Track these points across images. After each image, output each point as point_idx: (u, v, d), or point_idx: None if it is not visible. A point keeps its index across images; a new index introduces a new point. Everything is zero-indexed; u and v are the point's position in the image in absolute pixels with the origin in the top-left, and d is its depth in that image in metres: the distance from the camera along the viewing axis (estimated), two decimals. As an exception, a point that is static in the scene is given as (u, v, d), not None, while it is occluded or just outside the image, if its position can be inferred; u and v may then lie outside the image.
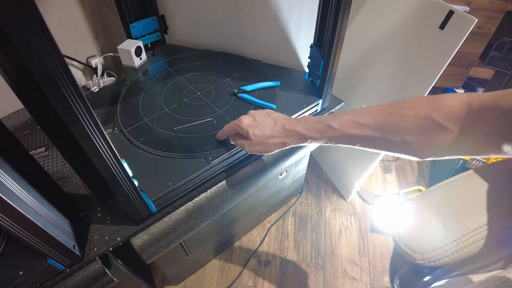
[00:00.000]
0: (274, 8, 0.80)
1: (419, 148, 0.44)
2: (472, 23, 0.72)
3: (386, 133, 0.45)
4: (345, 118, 0.49)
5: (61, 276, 0.54)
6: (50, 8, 0.81)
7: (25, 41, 0.30)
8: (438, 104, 0.41)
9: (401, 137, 0.44)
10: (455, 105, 0.40)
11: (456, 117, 0.40)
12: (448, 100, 0.41)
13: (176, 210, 0.64)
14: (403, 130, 0.43)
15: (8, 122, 0.80)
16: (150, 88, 0.84)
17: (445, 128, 0.40)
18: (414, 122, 0.42)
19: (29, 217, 0.42)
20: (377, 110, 0.46)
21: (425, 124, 0.42)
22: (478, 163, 1.10)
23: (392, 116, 0.44)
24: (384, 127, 0.45)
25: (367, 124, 0.46)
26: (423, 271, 0.56)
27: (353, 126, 0.47)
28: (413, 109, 0.43)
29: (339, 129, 0.49)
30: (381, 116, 0.45)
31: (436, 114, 0.41)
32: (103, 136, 0.42)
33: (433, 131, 0.41)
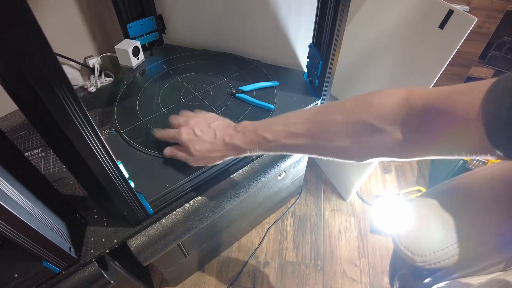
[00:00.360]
0: (272, 8, 0.80)
1: (355, 152, 0.42)
2: (472, 22, 0.72)
3: (319, 140, 0.44)
4: (278, 128, 0.48)
5: (57, 278, 0.53)
6: (47, 8, 0.80)
7: (17, 41, 0.29)
8: (371, 105, 0.39)
9: (334, 144, 0.43)
10: (391, 105, 0.37)
11: (393, 118, 0.37)
12: (383, 100, 0.38)
13: (173, 212, 0.63)
14: (334, 137, 0.42)
15: (5, 123, 0.80)
16: (147, 88, 0.83)
17: (382, 130, 0.38)
18: (345, 128, 0.41)
19: (23, 219, 0.41)
20: (307, 117, 0.46)
21: (357, 129, 0.40)
22: (478, 163, 1.10)
23: (322, 124, 0.43)
24: (315, 135, 0.44)
25: (299, 133, 0.45)
26: (423, 273, 0.55)
27: (286, 136, 0.47)
28: (343, 113, 0.42)
29: (274, 140, 0.48)
30: (312, 124, 0.44)
31: (369, 116, 0.38)
32: (98, 137, 0.41)
33: (367, 135, 0.39)
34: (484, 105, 0.28)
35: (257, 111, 0.75)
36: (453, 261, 0.49)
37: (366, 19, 0.98)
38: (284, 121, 0.48)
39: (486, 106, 0.28)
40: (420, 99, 0.35)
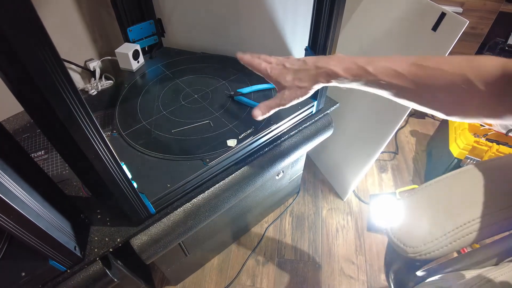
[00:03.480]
0: (269, 11, 0.81)
1: (447, 106, 0.43)
2: (463, 24, 0.74)
3: (419, 86, 0.44)
4: (381, 64, 0.47)
5: (63, 277, 0.55)
6: (48, 12, 0.82)
7: (25, 46, 0.31)
8: (473, 63, 0.40)
9: (433, 93, 0.43)
10: (489, 67, 0.39)
11: (489, 80, 0.39)
12: (484, 61, 0.40)
13: (174, 211, 0.65)
14: (436, 85, 0.42)
15: (8, 125, 0.81)
16: (147, 91, 0.85)
17: (477, 89, 0.39)
18: (448, 78, 0.41)
19: (31, 219, 0.43)
20: (414, 61, 0.45)
21: (458, 82, 0.41)
22: (472, 162, 1.12)
23: (428, 69, 0.43)
24: (418, 79, 0.44)
25: (403, 74, 0.44)
26: (415, 265, 0.57)
27: (389, 74, 0.46)
28: (449, 64, 0.42)
29: (375, 74, 0.47)
30: (418, 68, 0.44)
31: (471, 73, 0.40)
32: (103, 139, 0.43)
33: (464, 90, 0.40)
34: None
35: (255, 112, 0.77)
36: (443, 252, 0.51)
37: (360, 23, 1.00)
38: (388, 58, 0.47)
39: None
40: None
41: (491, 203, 0.54)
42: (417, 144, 1.51)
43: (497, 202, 0.54)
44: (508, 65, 0.38)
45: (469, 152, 1.11)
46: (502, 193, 0.56)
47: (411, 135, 1.56)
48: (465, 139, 1.11)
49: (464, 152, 1.11)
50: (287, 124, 0.77)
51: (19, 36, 0.30)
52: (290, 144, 0.79)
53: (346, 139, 1.15)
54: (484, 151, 1.08)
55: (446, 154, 1.18)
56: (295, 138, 0.80)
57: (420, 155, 1.46)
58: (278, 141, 0.77)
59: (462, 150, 1.11)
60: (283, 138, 0.77)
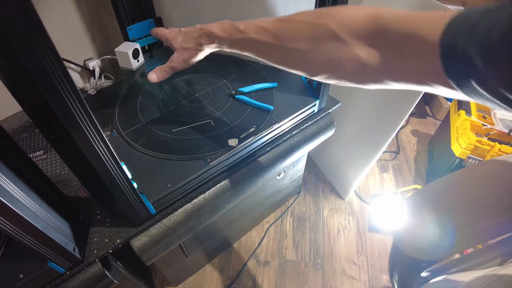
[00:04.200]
0: (270, 10, 0.81)
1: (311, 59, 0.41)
2: (466, 23, 0.73)
3: (282, 40, 0.43)
4: (251, 22, 0.47)
5: (61, 278, 0.54)
6: (47, 10, 0.81)
7: (24, 45, 0.30)
8: (337, 13, 0.38)
9: (295, 45, 0.41)
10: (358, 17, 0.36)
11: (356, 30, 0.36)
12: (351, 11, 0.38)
13: (175, 212, 0.64)
14: (297, 36, 0.41)
15: (6, 125, 0.80)
16: (147, 90, 0.84)
17: (343, 41, 0.36)
18: (309, 29, 0.40)
19: (29, 220, 0.42)
20: (281, 18, 0.44)
21: (320, 33, 0.39)
22: (474, 161, 1.11)
23: (290, 23, 0.42)
24: (282, 33, 0.43)
25: (267, 29, 0.44)
26: (420, 266, 0.57)
27: (255, 31, 0.46)
28: (311, 16, 0.40)
29: (244, 31, 0.47)
30: (281, 22, 0.44)
31: (334, 24, 0.37)
32: (103, 139, 0.42)
33: (327, 42, 0.38)
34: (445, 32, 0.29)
35: (257, 112, 0.76)
36: (448, 252, 0.50)
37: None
38: (260, 20, 0.47)
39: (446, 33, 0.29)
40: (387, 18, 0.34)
41: (494, 203, 0.54)
42: (419, 143, 1.51)
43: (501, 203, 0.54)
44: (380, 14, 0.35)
45: (471, 151, 1.10)
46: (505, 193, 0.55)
47: (412, 134, 1.55)
48: (467, 139, 1.11)
49: (466, 152, 1.10)
50: (289, 123, 0.76)
51: (17, 34, 0.30)
52: (291, 144, 0.78)
53: (347, 138, 1.14)
54: (486, 151, 1.08)
55: (448, 153, 1.17)
56: (296, 138, 0.79)
57: (421, 155, 1.45)
58: (280, 141, 0.76)
59: (464, 150, 1.10)
60: (284, 137, 0.77)
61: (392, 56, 0.34)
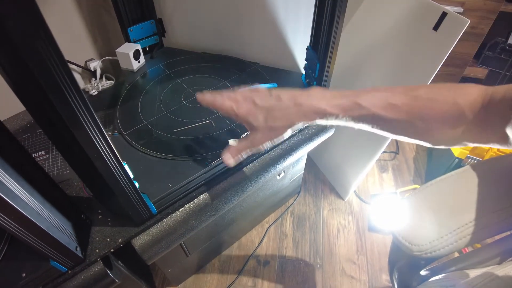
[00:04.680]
0: (271, 11, 0.81)
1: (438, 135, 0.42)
2: (465, 24, 0.74)
3: (414, 118, 0.41)
4: (374, 95, 0.43)
5: (64, 277, 0.55)
6: (48, 11, 0.82)
7: (28, 45, 0.31)
8: (462, 91, 0.40)
9: (427, 123, 0.41)
10: (474, 94, 0.39)
11: (474, 107, 0.39)
12: (469, 89, 0.40)
13: (176, 211, 0.64)
14: (430, 115, 0.41)
15: (8, 125, 0.81)
16: (148, 91, 0.85)
17: (466, 117, 0.39)
18: (442, 108, 0.40)
19: (33, 220, 0.42)
20: (403, 91, 0.42)
21: (451, 111, 0.40)
22: (473, 161, 1.12)
23: (421, 100, 0.41)
24: (413, 110, 0.41)
25: (397, 105, 0.41)
26: (420, 263, 0.57)
27: (384, 107, 0.42)
28: (441, 95, 0.41)
29: (368, 108, 0.42)
30: (412, 98, 0.41)
31: (461, 100, 0.39)
32: (106, 139, 0.43)
33: (456, 118, 0.40)
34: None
35: (257, 112, 0.77)
36: (448, 250, 0.51)
37: (362, 22, 0.99)
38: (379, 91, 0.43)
39: None
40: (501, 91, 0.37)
41: (493, 202, 0.54)
42: (418, 144, 1.51)
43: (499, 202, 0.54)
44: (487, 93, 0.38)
45: (470, 151, 1.10)
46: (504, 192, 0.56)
47: (411, 135, 1.55)
48: (466, 139, 1.11)
49: (465, 152, 1.11)
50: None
51: (22, 34, 0.30)
52: (291, 144, 0.79)
53: (347, 139, 1.15)
54: (485, 151, 1.08)
55: (447, 153, 1.18)
56: (296, 138, 0.79)
57: (420, 155, 1.46)
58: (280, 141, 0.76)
59: (463, 150, 1.11)
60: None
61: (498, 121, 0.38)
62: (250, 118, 0.48)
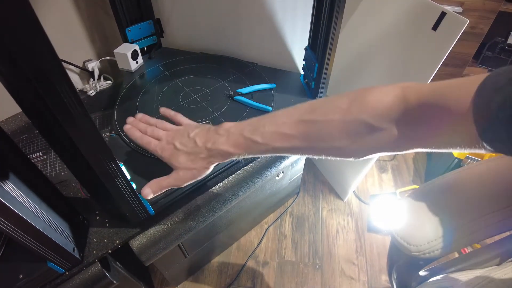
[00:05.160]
0: (269, 11, 0.81)
1: (352, 151, 0.41)
2: (464, 24, 0.73)
3: (314, 142, 0.42)
4: (268, 129, 0.45)
5: (61, 279, 0.54)
6: (46, 12, 0.81)
7: (23, 46, 0.30)
8: (367, 103, 0.38)
9: (331, 144, 0.41)
10: (387, 102, 0.36)
11: (390, 115, 0.36)
12: (378, 97, 0.38)
13: (174, 212, 0.64)
14: (331, 137, 0.40)
15: (6, 126, 0.81)
16: (146, 91, 0.85)
17: (379, 128, 0.37)
18: (342, 128, 0.39)
19: (29, 221, 0.42)
20: (299, 116, 0.43)
21: (355, 128, 0.38)
22: (472, 162, 1.12)
23: (317, 124, 0.41)
24: (310, 136, 0.42)
25: (292, 135, 0.43)
26: (418, 264, 0.57)
27: (278, 139, 0.44)
28: (338, 112, 0.40)
29: (264, 143, 0.45)
30: (306, 124, 0.42)
31: (366, 115, 0.37)
32: (102, 141, 0.42)
33: (364, 133, 0.38)
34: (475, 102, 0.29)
35: (255, 113, 0.77)
36: (446, 250, 0.50)
37: (361, 22, 0.99)
38: (273, 121, 0.45)
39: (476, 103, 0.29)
40: (414, 96, 0.35)
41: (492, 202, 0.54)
42: (417, 144, 1.51)
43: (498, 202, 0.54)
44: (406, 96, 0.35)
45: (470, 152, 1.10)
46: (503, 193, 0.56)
47: (411, 135, 1.55)
48: (466, 139, 1.11)
49: (465, 152, 1.11)
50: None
51: (16, 36, 0.30)
52: (290, 145, 0.78)
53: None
54: (484, 151, 1.08)
55: (446, 154, 1.18)
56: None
57: (420, 155, 1.45)
58: (278, 142, 0.76)
59: (462, 150, 1.11)
60: (283, 138, 0.77)
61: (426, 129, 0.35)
62: (172, 160, 0.54)
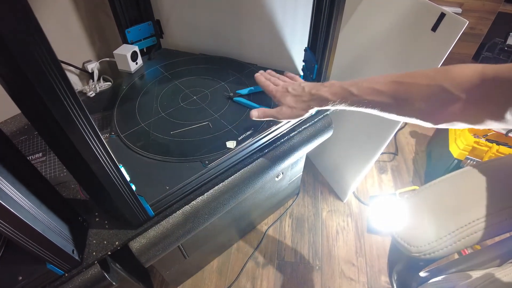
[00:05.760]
0: (269, 12, 0.81)
1: (431, 115, 0.45)
2: (463, 25, 0.73)
3: (400, 101, 0.47)
4: (364, 85, 0.51)
5: (60, 280, 0.54)
6: (46, 13, 0.81)
7: (22, 47, 0.30)
8: (450, 74, 0.42)
9: (413, 105, 0.46)
10: (467, 75, 0.41)
11: (468, 86, 0.40)
12: (461, 69, 0.42)
13: (173, 214, 0.64)
14: (415, 98, 0.45)
15: (5, 127, 0.81)
16: (146, 92, 0.85)
17: (457, 97, 0.41)
18: (425, 91, 0.44)
19: (28, 223, 0.42)
20: (392, 78, 0.48)
21: (437, 93, 0.43)
22: (472, 162, 1.12)
23: (406, 85, 0.46)
24: (397, 94, 0.47)
25: (382, 91, 0.48)
26: (419, 265, 0.57)
27: (370, 93, 0.50)
28: (425, 78, 0.45)
29: (358, 95, 0.51)
30: (396, 84, 0.47)
31: (447, 83, 0.42)
32: (101, 142, 0.42)
33: (444, 100, 0.42)
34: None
35: (255, 114, 0.77)
36: (447, 251, 0.50)
37: (360, 23, 0.99)
38: (370, 79, 0.51)
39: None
40: (492, 71, 0.39)
41: (492, 203, 0.54)
42: (417, 145, 1.51)
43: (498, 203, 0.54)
44: (485, 71, 0.39)
45: (469, 152, 1.10)
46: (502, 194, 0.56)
47: (410, 136, 1.56)
48: (465, 140, 1.11)
49: (464, 153, 1.11)
50: (287, 125, 0.77)
51: (16, 37, 0.30)
52: (289, 146, 0.78)
53: (345, 140, 1.14)
54: (484, 152, 1.08)
55: (446, 155, 1.18)
56: (294, 139, 0.79)
57: (420, 156, 1.45)
58: (278, 143, 0.76)
59: (462, 151, 1.11)
60: (282, 139, 0.77)
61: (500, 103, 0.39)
62: (281, 99, 0.64)
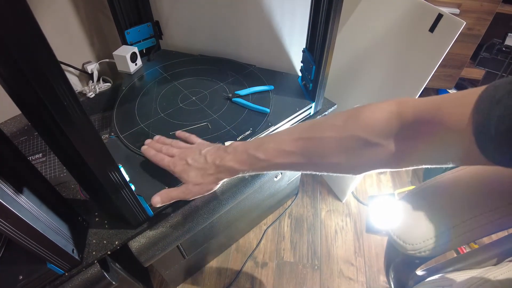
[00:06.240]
0: (267, 14, 0.82)
1: (350, 167, 0.42)
2: (460, 26, 0.74)
3: (314, 158, 0.44)
4: (269, 146, 0.48)
5: (60, 280, 0.55)
6: (46, 14, 0.82)
7: (22, 48, 0.31)
8: (362, 121, 0.39)
9: (328, 160, 0.42)
10: (382, 119, 0.37)
11: (386, 131, 0.37)
12: (371, 114, 0.39)
13: (172, 214, 0.65)
14: (329, 153, 0.42)
15: (5, 128, 0.81)
16: (145, 93, 0.85)
17: (376, 144, 0.38)
18: (338, 144, 0.41)
19: (29, 222, 0.42)
20: (298, 134, 0.45)
21: (351, 144, 0.40)
22: (470, 163, 1.12)
23: (314, 141, 0.43)
24: (308, 152, 0.44)
25: (292, 151, 0.45)
26: (414, 262, 0.57)
27: (278, 155, 0.47)
28: (334, 130, 0.41)
29: (266, 159, 0.48)
30: (304, 141, 0.44)
31: (361, 131, 0.39)
32: (101, 142, 0.43)
33: (361, 149, 0.39)
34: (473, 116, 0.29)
35: (253, 114, 0.77)
36: (441, 249, 0.51)
37: (358, 24, 1.00)
38: (275, 138, 0.48)
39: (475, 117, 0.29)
40: (410, 112, 0.35)
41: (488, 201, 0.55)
42: (415, 145, 1.51)
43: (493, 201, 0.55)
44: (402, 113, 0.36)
45: (467, 152, 1.10)
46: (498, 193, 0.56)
47: (409, 136, 1.56)
48: (463, 140, 1.11)
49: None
50: (285, 126, 0.77)
51: (16, 38, 0.30)
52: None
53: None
54: (482, 152, 1.08)
55: (444, 155, 1.18)
56: (293, 140, 0.80)
57: (418, 156, 1.46)
58: (276, 143, 0.77)
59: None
60: (281, 139, 0.77)
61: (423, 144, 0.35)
62: (183, 174, 0.57)
